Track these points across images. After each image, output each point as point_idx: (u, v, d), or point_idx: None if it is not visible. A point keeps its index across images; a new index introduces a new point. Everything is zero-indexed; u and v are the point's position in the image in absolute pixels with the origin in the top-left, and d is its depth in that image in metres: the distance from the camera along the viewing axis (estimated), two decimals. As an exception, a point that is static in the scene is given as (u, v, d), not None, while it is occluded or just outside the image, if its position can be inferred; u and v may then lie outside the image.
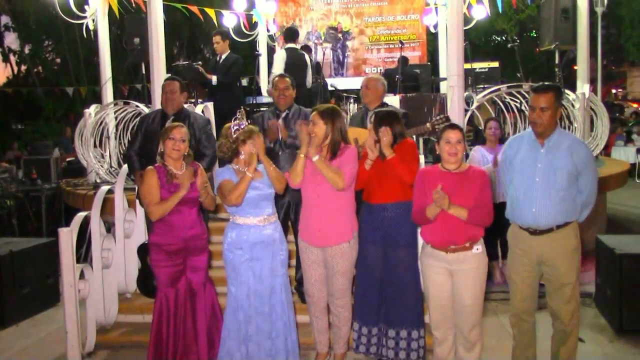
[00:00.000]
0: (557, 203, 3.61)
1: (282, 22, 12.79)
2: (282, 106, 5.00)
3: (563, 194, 3.61)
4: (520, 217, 3.75)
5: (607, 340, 4.75)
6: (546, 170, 3.63)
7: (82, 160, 8.28)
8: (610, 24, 21.03)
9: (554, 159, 3.62)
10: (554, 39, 8.20)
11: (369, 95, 5.14)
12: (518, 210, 3.75)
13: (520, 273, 3.82)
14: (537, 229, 3.68)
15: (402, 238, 4.03)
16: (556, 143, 3.65)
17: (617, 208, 9.54)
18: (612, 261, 4.94)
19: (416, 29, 12.38)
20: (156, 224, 4.04)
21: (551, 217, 3.63)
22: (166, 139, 4.03)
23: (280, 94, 4.99)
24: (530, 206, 3.66)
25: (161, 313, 4.04)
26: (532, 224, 3.68)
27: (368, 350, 4.21)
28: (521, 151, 3.76)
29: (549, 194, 3.61)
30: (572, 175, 3.61)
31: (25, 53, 23.83)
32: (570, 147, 3.63)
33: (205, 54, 23.56)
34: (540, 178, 3.63)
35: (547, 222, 3.64)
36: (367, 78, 5.24)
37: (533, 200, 3.65)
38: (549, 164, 3.63)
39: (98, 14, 8.65)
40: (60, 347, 4.65)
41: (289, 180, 4.03)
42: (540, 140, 3.69)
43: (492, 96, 7.03)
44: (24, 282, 5.64)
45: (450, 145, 3.65)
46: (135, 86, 10.70)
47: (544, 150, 3.66)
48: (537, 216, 3.64)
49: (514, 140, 3.93)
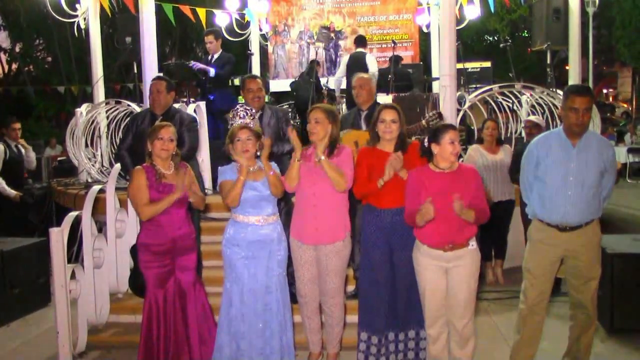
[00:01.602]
0: (588, 201, 3.74)
1: (275, 22, 12.78)
2: (257, 108, 4.95)
3: (594, 192, 3.75)
4: (550, 215, 3.83)
5: (599, 339, 4.75)
6: (579, 169, 3.72)
7: (73, 160, 8.24)
8: (601, 24, 21.14)
9: (587, 158, 3.73)
10: (545, 39, 8.23)
11: (363, 95, 5.08)
12: (549, 208, 3.82)
13: (544, 266, 3.89)
14: (567, 226, 3.78)
15: (411, 240, 3.91)
16: (587, 143, 3.75)
17: (608, 207, 9.54)
18: (604, 261, 4.91)
19: (409, 28, 12.40)
20: (144, 223, 4.04)
21: (582, 214, 3.76)
22: (154, 139, 4.01)
23: (256, 95, 5.05)
24: (564, 203, 3.75)
25: (151, 314, 4.03)
26: (564, 221, 3.78)
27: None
28: (552, 151, 3.81)
29: (581, 193, 3.72)
30: (601, 173, 3.75)
31: (16, 51, 23.70)
32: (600, 146, 3.78)
33: (198, 53, 23.50)
34: (574, 177, 3.73)
35: (578, 219, 3.76)
36: (360, 77, 5.16)
37: (567, 199, 3.74)
38: (582, 163, 3.73)
39: (89, 12, 8.60)
40: (51, 347, 4.61)
41: (285, 185, 4.02)
42: (572, 141, 3.76)
43: (484, 96, 7.05)
44: (14, 282, 5.60)
45: (454, 145, 3.66)
46: (127, 85, 10.68)
47: (575, 150, 3.74)
48: (570, 214, 3.75)
49: (543, 142, 3.92)
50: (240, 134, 3.94)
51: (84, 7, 8.68)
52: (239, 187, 3.86)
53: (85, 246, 4.93)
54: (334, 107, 4.19)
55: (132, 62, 8.64)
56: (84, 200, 5.12)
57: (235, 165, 4.00)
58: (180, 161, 4.19)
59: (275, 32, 12.88)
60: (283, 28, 12.92)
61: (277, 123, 5.14)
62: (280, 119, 5.17)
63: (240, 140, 3.93)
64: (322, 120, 3.95)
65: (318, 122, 3.95)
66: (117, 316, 5.17)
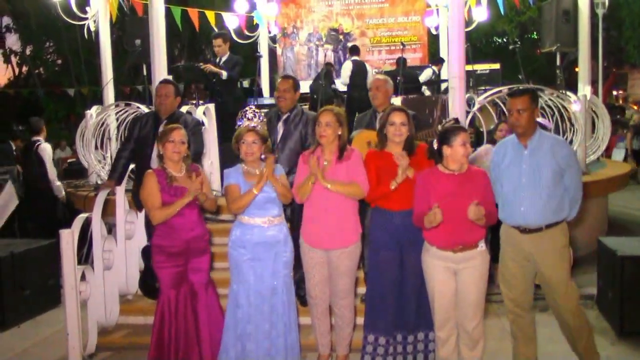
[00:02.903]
0: (544, 202, 3.74)
1: (283, 24, 12.80)
2: (282, 108, 4.96)
3: (549, 192, 3.74)
4: (510, 216, 3.86)
5: (609, 342, 4.73)
6: (531, 170, 3.77)
7: (83, 162, 8.29)
8: (611, 26, 21.01)
9: (538, 159, 3.77)
10: (555, 40, 8.20)
11: (380, 97, 5.01)
12: (508, 210, 3.86)
13: (510, 269, 3.93)
14: (527, 228, 3.80)
15: (421, 242, 3.89)
16: (538, 144, 3.80)
17: (618, 210, 9.52)
18: (614, 263, 4.93)
19: (417, 30, 12.40)
20: (158, 226, 4.04)
21: (539, 216, 3.76)
22: (165, 141, 4.01)
23: (280, 95, 4.94)
24: (518, 206, 3.79)
25: (163, 314, 4.04)
26: (522, 223, 3.81)
27: None
28: (507, 155, 3.90)
29: (535, 193, 3.74)
30: (557, 173, 3.75)
31: (26, 54, 23.87)
32: (552, 146, 3.79)
33: (207, 55, 23.56)
34: (526, 178, 3.77)
35: (535, 220, 3.77)
36: (376, 79, 5.12)
37: (521, 200, 3.78)
38: (533, 164, 3.77)
39: (99, 15, 8.65)
40: (61, 348, 4.64)
41: (296, 197, 4.04)
42: (523, 142, 3.83)
43: (493, 98, 7.02)
44: (25, 284, 5.62)
45: (465, 147, 3.67)
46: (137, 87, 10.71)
47: (527, 152, 3.81)
48: (526, 215, 3.77)
49: (500, 147, 4.07)
50: (247, 136, 3.95)
51: (93, 10, 8.72)
52: (248, 199, 3.89)
53: (95, 248, 4.95)
54: (343, 110, 4.18)
55: (141, 64, 8.66)
56: (93, 202, 5.15)
57: (240, 166, 4.01)
58: (191, 163, 4.20)
59: (284, 34, 12.91)
60: (292, 30, 12.95)
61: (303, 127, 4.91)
62: (307, 123, 4.90)
63: (246, 143, 3.94)
64: (332, 124, 3.95)
65: (329, 125, 3.96)
66: (127, 317, 5.18)
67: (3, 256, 5.45)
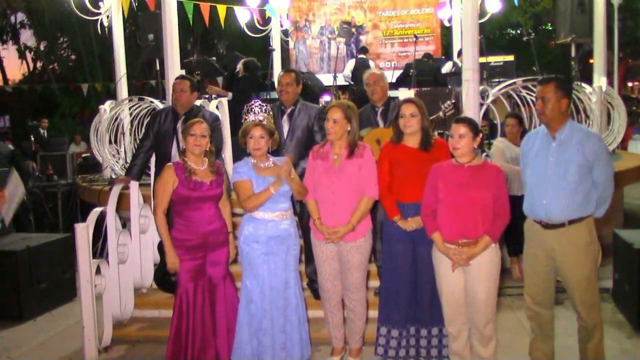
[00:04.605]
0: (568, 196, 3.59)
1: (296, 17, 12.78)
2: (285, 102, 4.95)
3: (574, 187, 3.59)
4: (533, 210, 3.76)
5: (625, 336, 4.70)
6: (557, 163, 3.63)
7: (97, 156, 8.33)
8: (626, 16, 20.76)
9: (565, 152, 3.61)
10: (570, 31, 8.11)
11: (379, 92, 5.07)
12: (532, 203, 3.76)
13: (533, 266, 3.84)
14: (549, 223, 3.67)
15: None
16: (568, 136, 3.64)
17: (634, 203, 9.43)
18: (631, 256, 4.89)
19: (430, 22, 12.35)
20: (176, 219, 4.06)
21: (563, 211, 3.61)
22: (187, 135, 4.02)
23: (283, 89, 4.93)
24: (541, 199, 3.67)
25: (181, 307, 4.04)
26: (544, 217, 3.68)
27: (397, 355, 4.08)
28: (535, 145, 3.78)
29: (559, 187, 3.61)
30: (584, 168, 3.58)
31: (40, 50, 24.03)
32: (582, 139, 3.60)
33: (219, 49, 23.60)
34: (552, 171, 3.64)
35: (558, 216, 3.63)
36: (373, 74, 5.15)
37: (545, 193, 3.65)
38: (559, 157, 3.62)
39: (112, 10, 8.67)
40: (77, 341, 4.69)
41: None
42: (551, 134, 3.69)
43: (507, 90, 6.96)
44: (40, 278, 5.68)
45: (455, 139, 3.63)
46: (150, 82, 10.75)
47: (555, 144, 3.66)
48: (549, 209, 3.64)
49: (530, 136, 3.95)
50: (253, 131, 3.94)
51: (107, 5, 8.75)
52: (264, 198, 3.89)
53: (109, 242, 4.98)
54: (352, 103, 4.15)
55: (154, 59, 8.69)
56: (108, 196, 5.17)
57: (249, 160, 4.01)
58: (215, 159, 4.18)
59: (296, 27, 12.90)
60: (304, 23, 12.94)
61: (308, 120, 4.94)
62: (311, 116, 4.95)
63: (253, 138, 3.94)
64: (339, 120, 3.94)
65: (336, 121, 3.94)
66: (141, 311, 5.22)
67: (19, 250, 5.51)
